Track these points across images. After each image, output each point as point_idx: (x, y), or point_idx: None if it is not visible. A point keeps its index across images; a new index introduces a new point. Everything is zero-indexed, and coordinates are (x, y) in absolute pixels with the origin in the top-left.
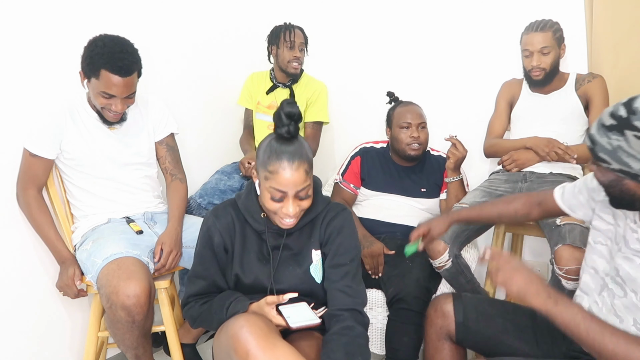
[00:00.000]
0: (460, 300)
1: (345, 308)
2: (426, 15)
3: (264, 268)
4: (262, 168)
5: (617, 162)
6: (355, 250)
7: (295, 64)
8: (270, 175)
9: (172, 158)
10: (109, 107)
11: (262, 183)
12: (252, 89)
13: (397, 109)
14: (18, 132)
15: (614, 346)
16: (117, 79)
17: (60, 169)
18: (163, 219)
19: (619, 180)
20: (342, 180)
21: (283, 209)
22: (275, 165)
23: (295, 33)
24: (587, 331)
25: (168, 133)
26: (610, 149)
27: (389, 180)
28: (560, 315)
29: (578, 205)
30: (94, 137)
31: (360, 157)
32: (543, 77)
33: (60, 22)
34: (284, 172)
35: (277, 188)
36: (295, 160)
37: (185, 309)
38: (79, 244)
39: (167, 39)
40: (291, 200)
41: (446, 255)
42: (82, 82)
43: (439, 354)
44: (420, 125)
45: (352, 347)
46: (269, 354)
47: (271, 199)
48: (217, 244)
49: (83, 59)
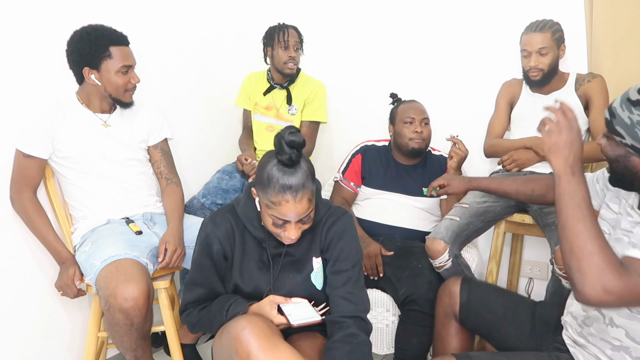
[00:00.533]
0: (467, 283)
1: (348, 315)
2: (426, 14)
3: (264, 276)
4: (263, 194)
5: (631, 138)
6: (357, 256)
7: (290, 64)
8: (273, 205)
9: (167, 162)
10: (128, 83)
11: (262, 208)
12: (250, 89)
13: (401, 106)
14: (8, 134)
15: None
16: (127, 49)
17: (55, 169)
18: (162, 219)
19: (627, 156)
20: (343, 179)
21: (285, 233)
22: (278, 198)
23: (289, 33)
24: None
25: (162, 138)
26: (629, 123)
27: (390, 178)
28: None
29: (594, 194)
30: (87, 134)
31: (361, 155)
32: (541, 77)
33: (50, 22)
34: (287, 205)
35: (279, 217)
36: (299, 192)
37: (183, 316)
38: (78, 245)
39: (166, 38)
40: (294, 226)
41: (446, 255)
42: (89, 77)
43: (445, 330)
44: (424, 121)
45: (355, 355)
46: (270, 355)
47: (273, 224)
48: (217, 252)
49: (81, 54)
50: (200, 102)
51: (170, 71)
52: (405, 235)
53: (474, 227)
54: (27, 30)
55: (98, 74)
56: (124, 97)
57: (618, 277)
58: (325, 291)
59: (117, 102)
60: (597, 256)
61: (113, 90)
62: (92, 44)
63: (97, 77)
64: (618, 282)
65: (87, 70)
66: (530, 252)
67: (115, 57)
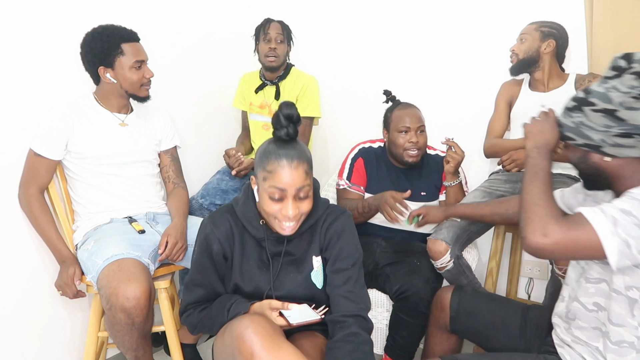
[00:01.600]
0: (458, 293)
1: (349, 314)
2: (422, 13)
3: (264, 276)
4: (261, 169)
5: (580, 137)
6: (357, 254)
7: (271, 57)
8: (269, 174)
9: (175, 167)
10: (142, 78)
11: (260, 185)
12: (244, 90)
13: (395, 112)
14: (22, 133)
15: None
16: (138, 44)
17: (65, 166)
18: (165, 219)
19: (585, 156)
20: (351, 184)
21: (282, 211)
22: (274, 165)
23: (271, 26)
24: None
25: (173, 145)
26: (574, 126)
27: (390, 183)
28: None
29: (576, 204)
30: (103, 134)
31: (362, 158)
32: (516, 63)
33: (60, 23)
34: (283, 171)
35: (276, 186)
36: (294, 159)
37: (184, 317)
38: (80, 243)
39: (166, 39)
40: (291, 200)
41: (447, 256)
42: (105, 76)
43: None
44: (419, 129)
45: (357, 354)
46: (273, 354)
47: (270, 198)
48: (216, 252)
49: (95, 53)
50: (200, 102)
51: (170, 71)
52: (406, 238)
53: (475, 227)
54: (42, 33)
55: (113, 72)
56: (140, 91)
57: (555, 223)
58: (326, 290)
59: (135, 97)
60: (541, 207)
61: (129, 87)
62: (104, 43)
63: (112, 75)
64: (555, 226)
65: (102, 70)
66: None
67: (127, 54)
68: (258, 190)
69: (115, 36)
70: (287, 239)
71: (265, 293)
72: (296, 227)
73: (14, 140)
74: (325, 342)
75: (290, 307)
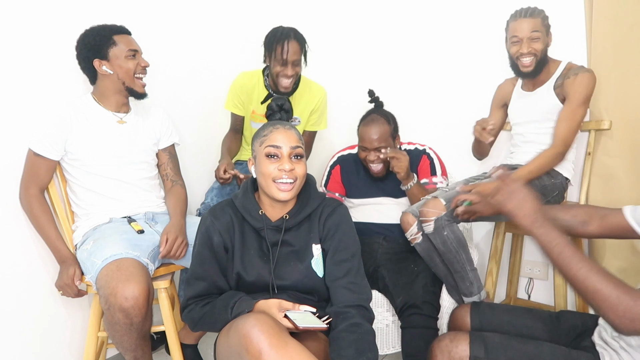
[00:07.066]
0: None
1: (351, 305)
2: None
3: (265, 265)
4: (257, 139)
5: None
6: (355, 245)
7: (285, 84)
8: (265, 138)
9: (174, 165)
10: (137, 66)
11: (258, 153)
12: (243, 95)
13: (360, 127)
14: (22, 133)
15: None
16: (129, 37)
17: (64, 168)
18: (164, 219)
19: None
20: (327, 191)
21: (279, 166)
22: (269, 129)
23: (290, 47)
24: (558, 256)
25: (171, 142)
26: None
27: (370, 184)
28: (540, 238)
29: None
30: (101, 133)
31: (339, 165)
32: (534, 65)
33: (59, 24)
34: (277, 131)
35: (272, 144)
36: (286, 126)
37: (185, 312)
38: (79, 243)
39: (165, 39)
40: (286, 158)
41: (415, 228)
42: (101, 69)
43: None
44: (378, 149)
45: (361, 343)
46: (281, 352)
47: (267, 157)
48: (217, 244)
49: (89, 47)
50: (199, 102)
51: (170, 71)
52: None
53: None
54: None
55: (108, 63)
56: (135, 84)
57: (631, 299)
58: (326, 282)
59: (131, 92)
60: (602, 291)
61: (125, 76)
62: (96, 37)
63: (108, 66)
64: (632, 303)
65: (98, 63)
66: (530, 252)
67: (120, 44)
68: (255, 165)
69: (106, 29)
70: (285, 228)
71: (269, 284)
72: (293, 193)
73: (13, 141)
74: (326, 341)
75: (301, 308)
